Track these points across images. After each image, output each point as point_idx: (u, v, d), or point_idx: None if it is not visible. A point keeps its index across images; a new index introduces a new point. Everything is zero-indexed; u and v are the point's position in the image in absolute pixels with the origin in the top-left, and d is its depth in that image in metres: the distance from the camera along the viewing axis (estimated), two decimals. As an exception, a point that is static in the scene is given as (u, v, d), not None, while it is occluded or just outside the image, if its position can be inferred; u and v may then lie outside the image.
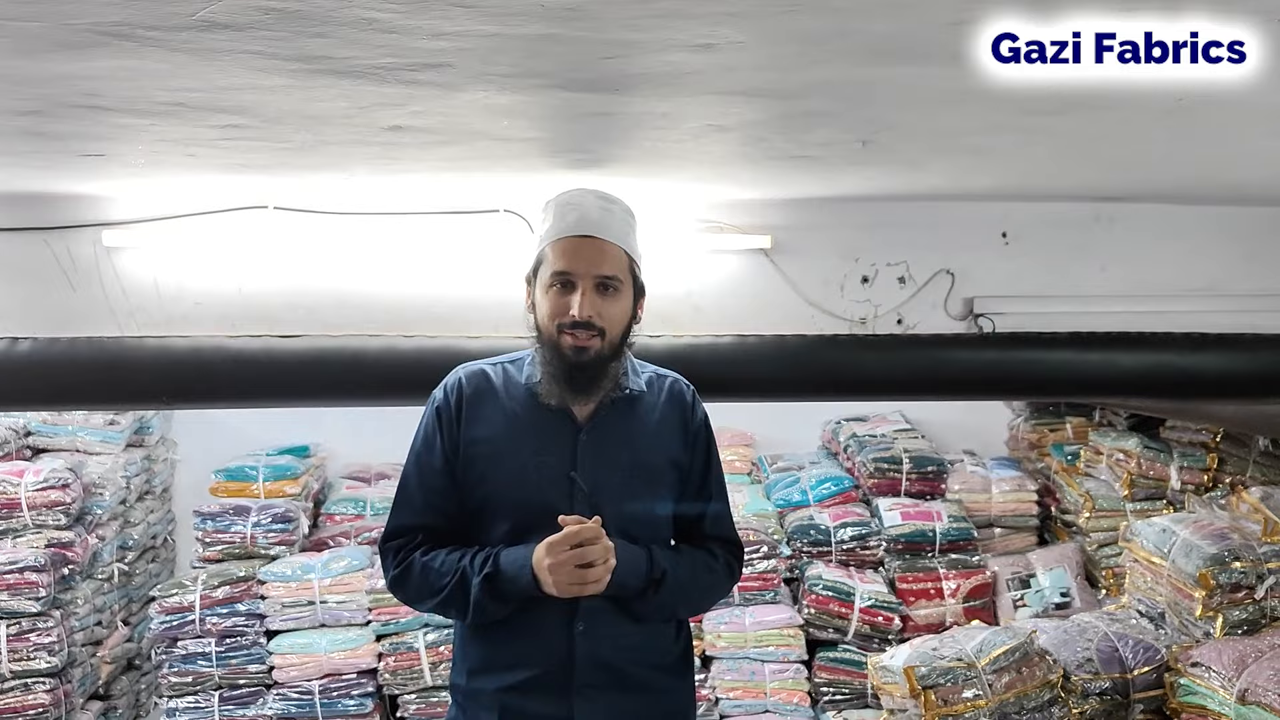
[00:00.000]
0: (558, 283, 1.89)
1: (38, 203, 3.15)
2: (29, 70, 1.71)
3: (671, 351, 3.30)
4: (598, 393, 1.93)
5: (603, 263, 1.89)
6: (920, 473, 5.12)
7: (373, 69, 1.73)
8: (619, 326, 1.92)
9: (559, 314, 1.88)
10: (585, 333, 1.86)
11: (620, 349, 1.94)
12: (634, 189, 3.08)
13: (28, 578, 4.40)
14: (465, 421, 1.96)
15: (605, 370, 1.91)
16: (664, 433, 2.01)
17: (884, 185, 3.06)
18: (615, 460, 1.95)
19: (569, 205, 1.95)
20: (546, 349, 1.91)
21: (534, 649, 1.93)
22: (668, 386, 2.07)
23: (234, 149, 2.43)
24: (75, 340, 3.15)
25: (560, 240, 1.90)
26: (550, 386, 1.91)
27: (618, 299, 1.91)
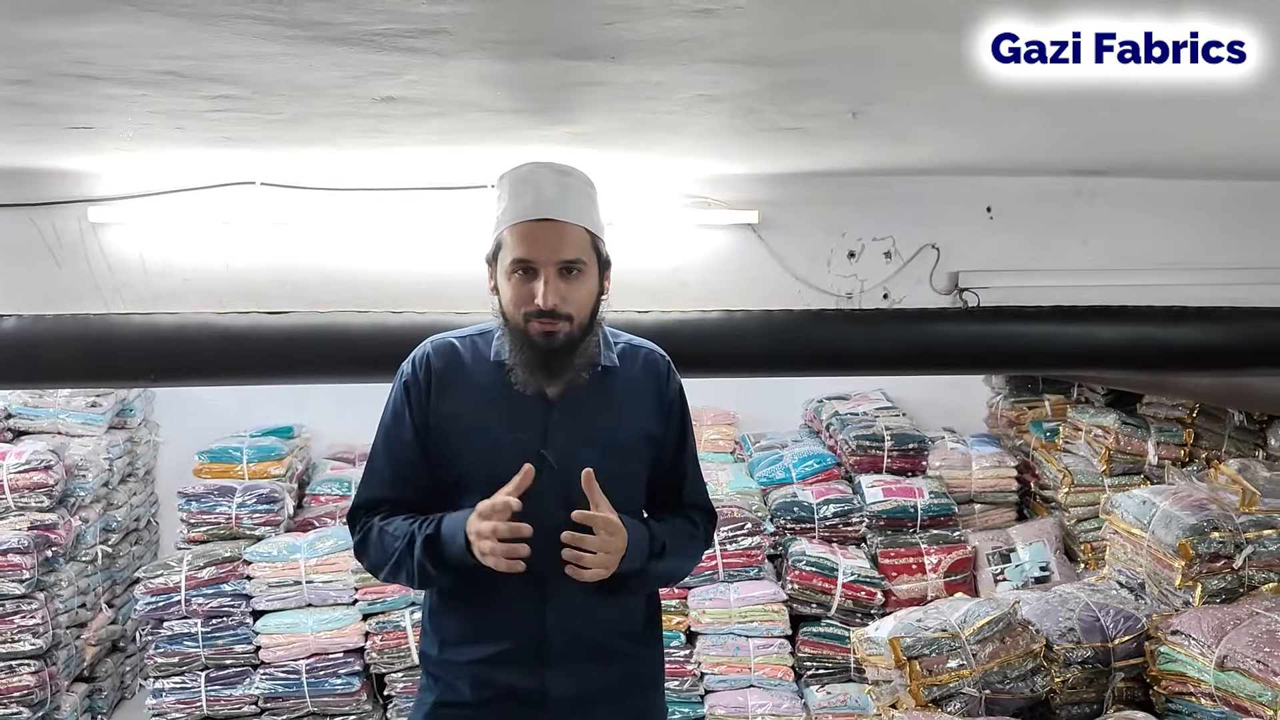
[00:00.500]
0: (519, 269, 1.84)
1: (23, 178, 3.12)
2: (21, 35, 1.69)
3: (658, 326, 3.31)
4: (571, 374, 1.89)
5: (564, 247, 1.83)
6: (901, 450, 5.18)
7: (370, 35, 1.73)
8: (586, 308, 1.88)
9: (523, 302, 1.83)
10: (552, 320, 1.82)
11: (590, 327, 1.90)
12: (622, 164, 3.09)
13: (11, 560, 4.39)
14: (435, 396, 1.93)
15: (577, 350, 1.87)
16: (638, 405, 1.98)
17: (871, 159, 3.08)
18: (588, 436, 1.90)
19: (524, 183, 1.87)
20: (514, 336, 1.87)
21: (506, 621, 1.90)
22: (642, 358, 2.03)
23: (224, 121, 2.41)
24: (60, 317, 3.13)
25: (518, 225, 1.84)
26: (524, 375, 1.87)
27: (583, 281, 1.86)
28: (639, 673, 2.03)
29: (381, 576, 1.97)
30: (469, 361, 1.95)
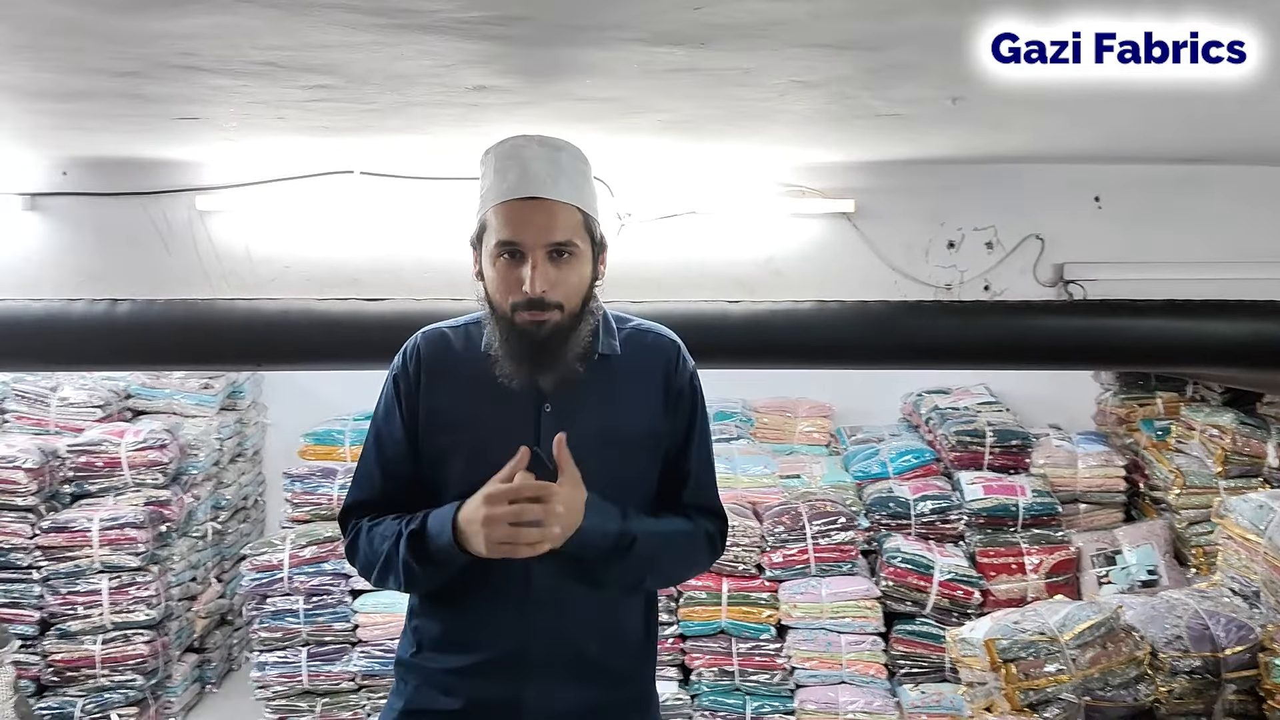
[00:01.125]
0: (504, 253, 1.68)
1: (135, 168, 3.25)
2: (128, 28, 1.75)
3: (750, 317, 3.28)
4: (563, 365, 1.72)
5: (553, 228, 1.67)
6: (1004, 446, 5.03)
7: (457, 23, 1.74)
8: (577, 295, 1.71)
9: (510, 289, 1.68)
10: (540, 309, 1.66)
11: (582, 315, 1.73)
12: (715, 152, 3.07)
13: (128, 534, 4.58)
14: (424, 389, 1.79)
15: (568, 340, 1.70)
16: (640, 396, 1.80)
17: (971, 147, 2.99)
18: (584, 431, 1.71)
19: (510, 159, 1.70)
20: (501, 325, 1.71)
21: (485, 628, 1.76)
22: (649, 344, 1.85)
23: (321, 110, 2.47)
24: (170, 302, 3.25)
25: (503, 204, 1.68)
26: (510, 367, 1.71)
27: (574, 265, 1.70)
28: (629, 693, 1.85)
29: (373, 580, 1.80)
30: (460, 352, 1.80)
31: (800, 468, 5.25)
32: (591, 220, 1.74)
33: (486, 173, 1.74)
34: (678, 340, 1.87)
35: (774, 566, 4.59)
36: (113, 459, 4.76)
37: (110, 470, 4.77)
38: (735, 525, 4.60)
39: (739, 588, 4.59)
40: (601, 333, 1.79)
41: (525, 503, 1.57)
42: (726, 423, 5.56)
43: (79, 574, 4.56)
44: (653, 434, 1.80)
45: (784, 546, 4.60)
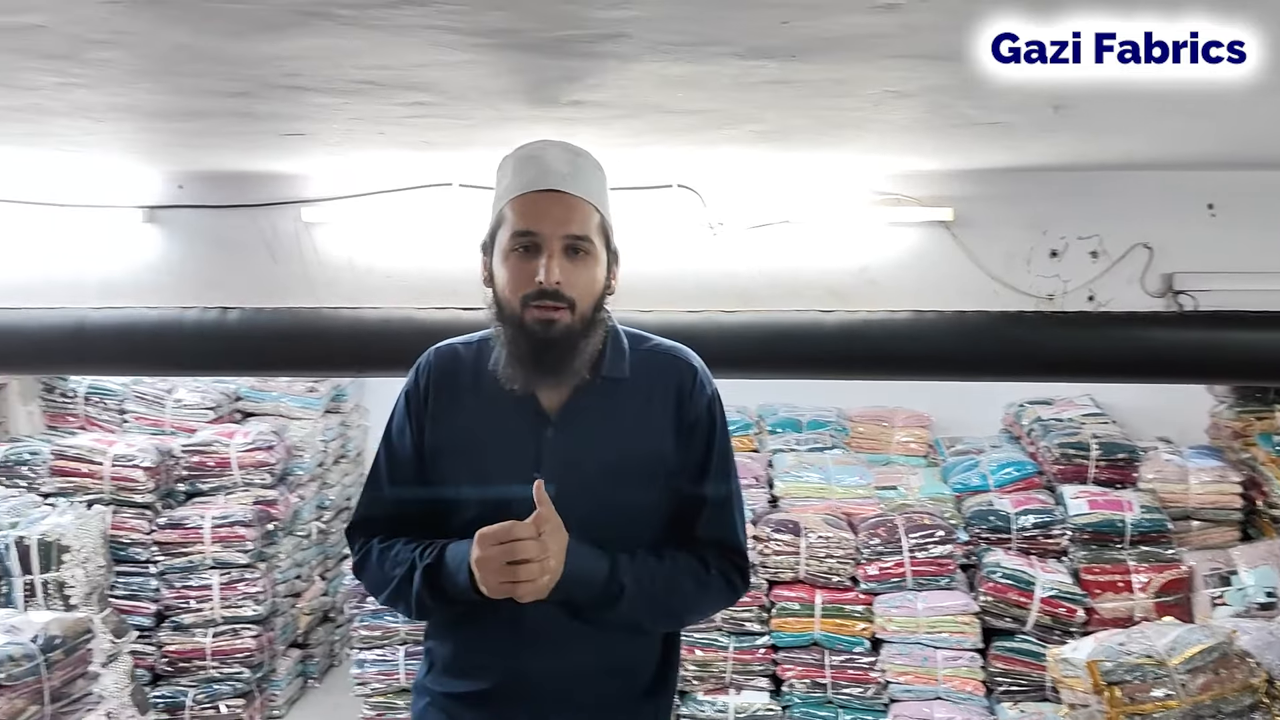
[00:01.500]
0: (519, 246, 1.62)
1: (245, 181, 3.37)
2: (238, 52, 1.82)
3: (844, 327, 3.25)
4: (568, 375, 1.65)
5: (570, 221, 1.62)
6: (1110, 460, 4.87)
7: (552, 41, 1.77)
8: (590, 297, 1.64)
9: (522, 283, 1.61)
10: (552, 303, 1.60)
11: (592, 323, 1.65)
12: (808, 161, 3.04)
13: (237, 531, 4.76)
14: (431, 408, 1.73)
15: (575, 347, 1.63)
16: (651, 421, 1.71)
17: (1076, 153, 2.90)
18: (587, 458, 1.67)
19: (530, 158, 1.68)
20: (509, 326, 1.63)
21: (485, 658, 1.71)
22: (663, 366, 1.75)
23: (420, 126, 2.52)
24: (278, 310, 3.37)
25: (522, 196, 1.64)
26: (513, 369, 1.64)
27: (588, 264, 1.64)
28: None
29: (381, 601, 1.78)
30: (470, 370, 1.74)
31: (897, 479, 5.16)
32: (608, 225, 1.71)
33: (504, 174, 1.71)
34: (697, 363, 1.78)
35: (869, 579, 4.53)
36: (223, 459, 4.95)
37: (221, 470, 4.96)
38: (829, 536, 4.55)
39: (833, 600, 4.54)
40: (610, 353, 1.72)
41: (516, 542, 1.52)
42: (820, 431, 5.50)
43: (192, 569, 4.76)
44: (662, 462, 1.71)
45: (879, 559, 4.53)
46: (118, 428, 5.25)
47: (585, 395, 1.69)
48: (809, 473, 5.09)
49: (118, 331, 3.33)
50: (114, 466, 4.73)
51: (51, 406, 5.33)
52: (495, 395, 1.68)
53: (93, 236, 3.44)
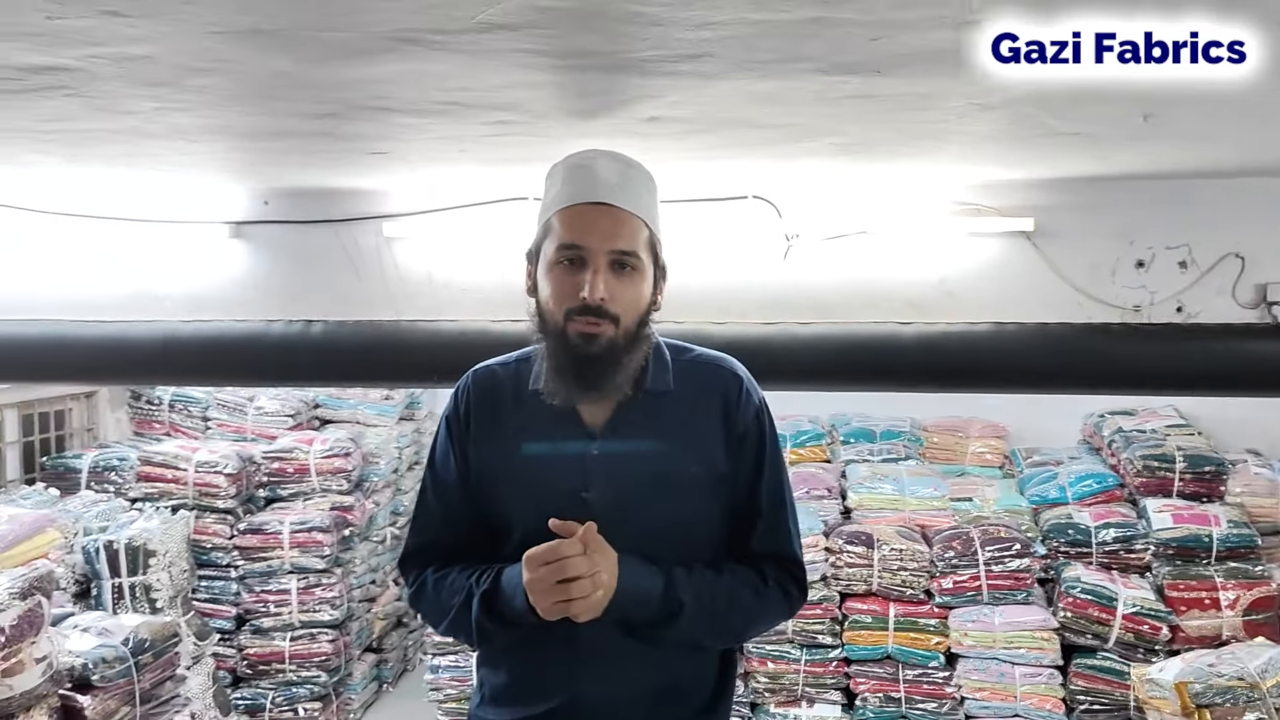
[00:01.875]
0: (564, 259, 1.58)
1: (329, 197, 3.44)
2: (329, 76, 1.87)
3: (922, 339, 3.21)
4: (611, 389, 1.61)
5: (618, 236, 1.57)
6: (1195, 473, 4.74)
7: (635, 62, 1.78)
8: (635, 313, 1.60)
9: (566, 297, 1.57)
10: (595, 319, 1.55)
11: (637, 338, 1.61)
12: (886, 172, 3.01)
13: (315, 537, 4.85)
14: (473, 432, 1.70)
15: (618, 362, 1.59)
16: (698, 433, 1.67)
17: (1165, 162, 2.83)
18: (635, 473, 1.63)
19: (579, 168, 1.64)
20: (551, 339, 1.60)
21: (540, 683, 1.67)
22: (707, 376, 1.71)
23: (500, 143, 2.55)
24: (360, 323, 3.43)
25: (569, 208, 1.60)
26: (554, 384, 1.60)
27: (635, 280, 1.59)
28: None
29: (440, 631, 1.75)
30: (510, 390, 1.70)
31: (972, 490, 5.08)
32: (656, 240, 1.66)
33: (552, 184, 1.68)
34: (742, 372, 1.73)
35: (944, 593, 4.46)
36: (302, 465, 5.06)
37: (300, 476, 5.06)
38: (904, 549, 4.50)
39: (907, 613, 4.48)
40: (653, 367, 1.67)
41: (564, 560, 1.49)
42: (894, 442, 5.44)
43: (271, 574, 4.86)
44: (712, 475, 1.66)
45: (954, 572, 4.47)
46: (201, 434, 5.40)
47: (630, 409, 1.65)
48: (882, 484, 5.03)
49: (205, 344, 3.42)
50: (197, 472, 4.86)
51: (139, 414, 5.50)
52: (537, 413, 1.65)
53: (182, 252, 3.54)
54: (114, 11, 1.44)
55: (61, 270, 3.59)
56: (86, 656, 3.25)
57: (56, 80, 1.84)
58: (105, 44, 1.61)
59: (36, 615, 3.00)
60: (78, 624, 3.51)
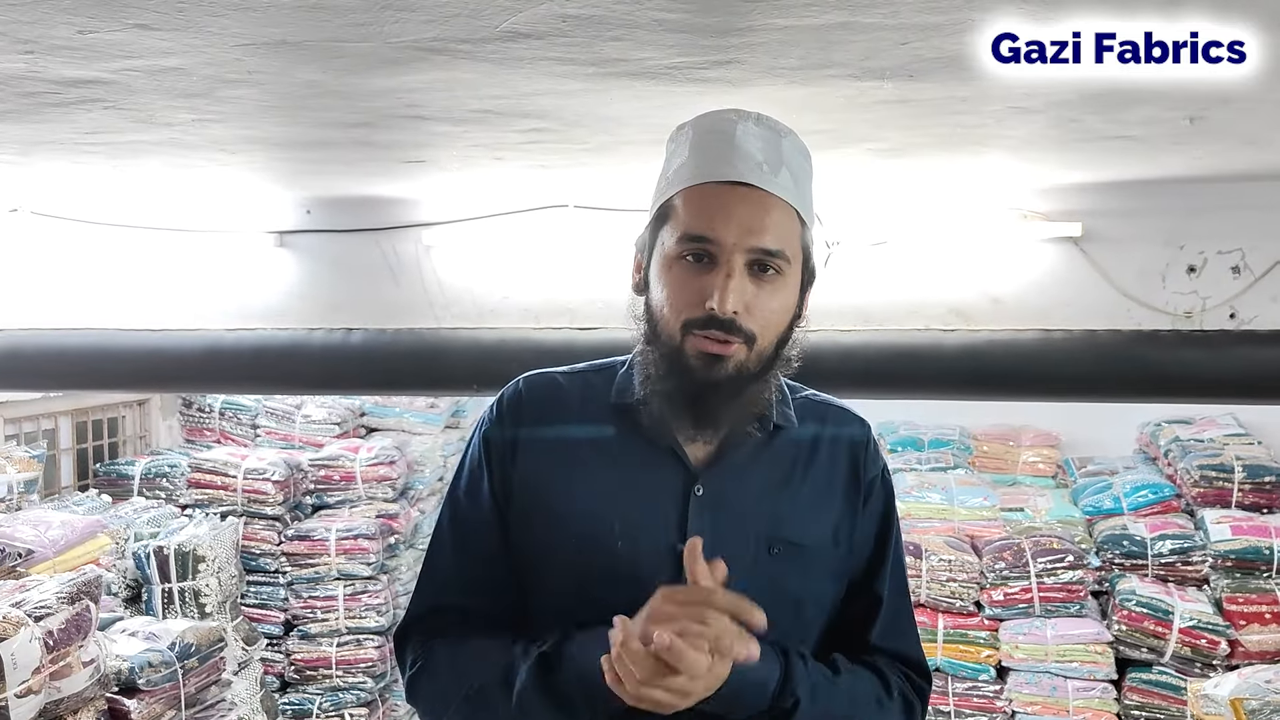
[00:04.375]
0: (689, 253, 1.22)
1: (367, 206, 3.47)
2: (361, 86, 1.88)
3: (966, 347, 3.15)
4: (732, 423, 1.27)
5: (763, 229, 1.21)
6: (1255, 483, 4.61)
7: (665, 69, 1.77)
8: (775, 329, 1.25)
9: (688, 304, 1.21)
10: (723, 335, 1.20)
11: (773, 363, 1.26)
12: (928, 178, 2.97)
13: (361, 544, 4.90)
14: (520, 454, 1.31)
15: (745, 392, 1.24)
16: (823, 491, 1.33)
17: (1215, 165, 2.76)
18: (747, 527, 1.27)
19: (714, 133, 1.27)
20: (662, 355, 1.24)
21: None
22: (832, 419, 1.37)
23: (536, 151, 2.56)
24: (399, 331, 3.45)
25: (699, 188, 1.24)
26: (663, 414, 1.26)
27: (780, 288, 1.24)
28: None
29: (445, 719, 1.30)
30: (577, 406, 1.33)
31: (1023, 500, 4.99)
32: (809, 237, 1.29)
33: (678, 149, 1.31)
34: (868, 423, 1.41)
35: (994, 604, 4.38)
36: (348, 473, 5.10)
37: (346, 484, 5.11)
38: (953, 559, 4.43)
39: (956, 625, 4.41)
40: (774, 397, 1.31)
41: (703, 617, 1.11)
42: (943, 450, 5.36)
43: (318, 580, 4.91)
44: (835, 541, 1.32)
45: (1005, 584, 4.39)
46: (250, 442, 5.47)
47: (742, 445, 1.29)
48: (930, 493, 4.96)
49: (250, 353, 3.47)
50: (246, 479, 4.93)
51: (189, 421, 5.59)
52: (619, 439, 1.30)
53: (230, 261, 3.59)
54: (144, 25, 1.46)
55: (112, 281, 3.66)
56: (133, 660, 3.29)
57: (93, 93, 1.88)
58: (138, 57, 1.63)
59: (84, 619, 3.05)
60: (125, 628, 3.57)
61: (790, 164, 1.26)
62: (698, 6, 1.43)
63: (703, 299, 1.19)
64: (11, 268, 3.67)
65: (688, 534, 1.22)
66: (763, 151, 1.24)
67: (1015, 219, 3.17)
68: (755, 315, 1.21)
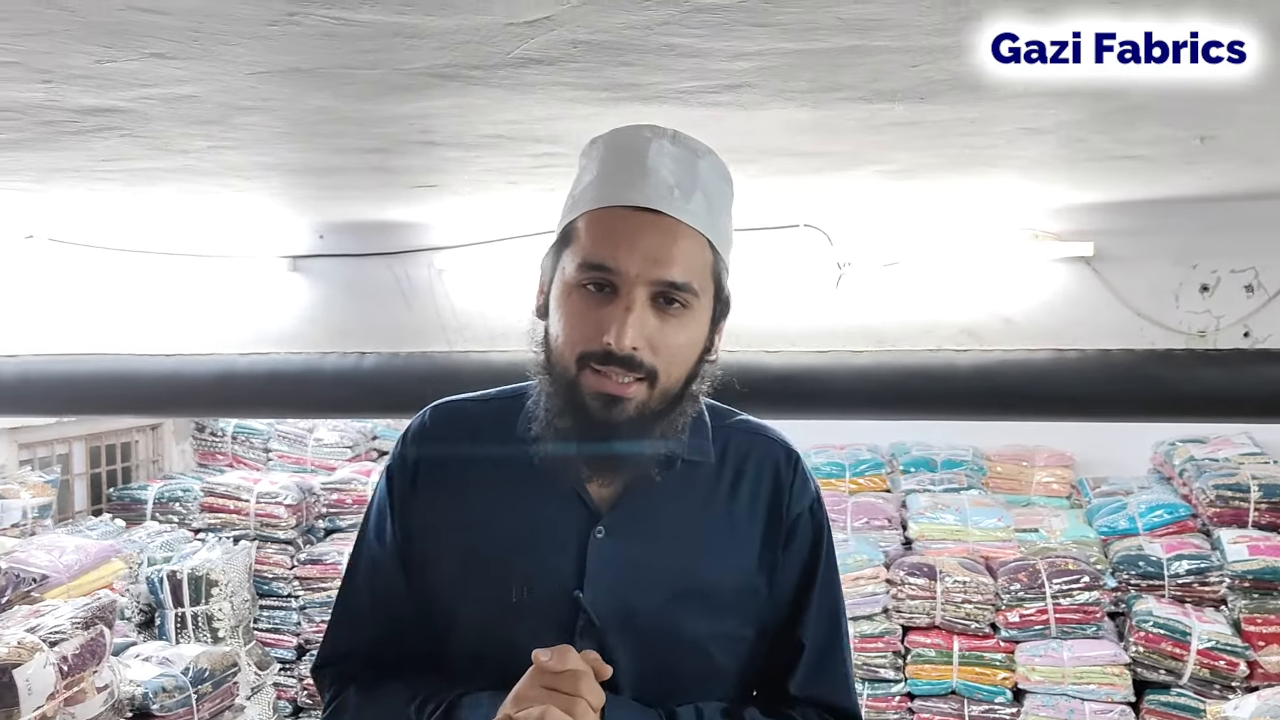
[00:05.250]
0: (589, 282, 1.12)
1: (379, 230, 3.49)
2: (375, 113, 1.89)
3: (979, 368, 3.15)
4: (636, 466, 1.17)
5: (669, 259, 1.11)
6: (1272, 502, 4.57)
7: (676, 94, 1.78)
8: (681, 366, 1.14)
9: (585, 337, 1.11)
10: (624, 373, 1.10)
11: (679, 400, 1.16)
12: (940, 198, 2.97)
13: (372, 568, 4.88)
14: (422, 491, 1.23)
15: (649, 434, 1.14)
16: (739, 530, 1.22)
17: (1226, 184, 2.75)
18: (650, 572, 1.18)
19: (627, 151, 1.17)
20: (558, 389, 1.15)
21: None
22: (753, 447, 1.26)
23: (548, 175, 2.57)
24: (411, 355, 3.46)
25: (604, 211, 1.13)
26: (557, 455, 1.16)
27: (686, 322, 1.13)
28: None
29: None
30: (486, 437, 1.24)
31: (1038, 521, 4.96)
32: (722, 267, 1.18)
33: (588, 166, 1.21)
34: (794, 449, 1.28)
35: (1010, 626, 4.35)
36: (360, 497, 5.11)
37: (358, 507, 5.11)
38: (968, 580, 4.40)
39: (971, 647, 4.38)
40: (691, 431, 1.21)
41: None
42: (956, 471, 5.33)
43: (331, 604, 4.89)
44: (750, 585, 1.22)
45: (1020, 605, 4.36)
46: (262, 465, 5.49)
47: (650, 483, 1.19)
48: (944, 514, 4.94)
49: (263, 377, 3.48)
50: (258, 504, 4.93)
51: (202, 445, 5.61)
52: (522, 472, 1.19)
53: (244, 286, 3.61)
54: (160, 54, 1.48)
55: (127, 306, 3.68)
56: (147, 686, 3.30)
57: (110, 121, 1.90)
58: (154, 85, 1.65)
59: (99, 645, 3.05)
60: (139, 653, 3.58)
61: (706, 188, 1.16)
62: (708, 32, 1.43)
63: (600, 332, 1.09)
64: (27, 294, 3.70)
65: (586, 578, 1.16)
66: (675, 174, 1.14)
67: (1027, 239, 3.17)
68: (658, 351, 1.11)
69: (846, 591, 3.87)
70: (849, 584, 4.36)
